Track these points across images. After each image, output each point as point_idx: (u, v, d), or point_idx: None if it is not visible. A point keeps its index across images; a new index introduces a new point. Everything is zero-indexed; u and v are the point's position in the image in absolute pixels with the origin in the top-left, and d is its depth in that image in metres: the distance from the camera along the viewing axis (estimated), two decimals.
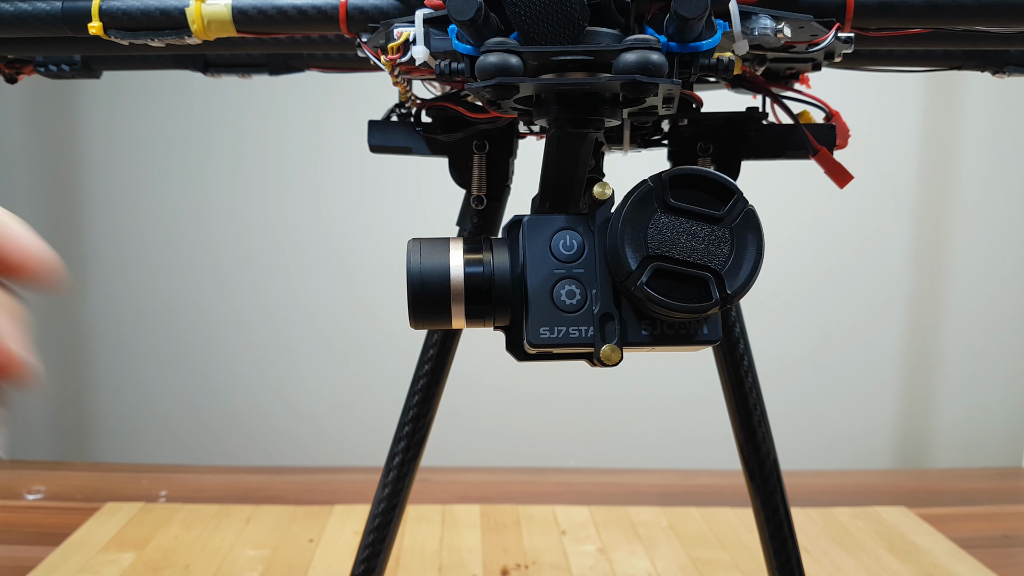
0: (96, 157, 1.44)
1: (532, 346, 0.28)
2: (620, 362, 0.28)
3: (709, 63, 0.31)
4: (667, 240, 0.27)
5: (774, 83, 0.45)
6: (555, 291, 0.28)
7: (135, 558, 0.90)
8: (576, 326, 0.28)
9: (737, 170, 0.47)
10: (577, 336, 0.28)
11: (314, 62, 0.54)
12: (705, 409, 1.20)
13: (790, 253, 1.38)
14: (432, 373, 0.54)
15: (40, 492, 1.11)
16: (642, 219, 0.27)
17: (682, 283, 0.27)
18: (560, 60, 0.29)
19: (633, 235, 0.27)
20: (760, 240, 0.27)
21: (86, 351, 1.49)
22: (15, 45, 0.45)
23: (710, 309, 0.27)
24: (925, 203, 1.44)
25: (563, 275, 0.28)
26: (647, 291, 0.26)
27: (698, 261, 0.27)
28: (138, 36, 0.39)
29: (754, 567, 0.90)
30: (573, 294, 0.28)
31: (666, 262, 0.27)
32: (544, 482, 1.19)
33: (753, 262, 0.27)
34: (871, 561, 0.92)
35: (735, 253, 0.27)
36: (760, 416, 0.54)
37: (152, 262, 1.44)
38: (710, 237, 0.27)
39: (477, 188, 0.49)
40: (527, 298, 0.28)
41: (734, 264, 0.27)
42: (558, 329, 0.28)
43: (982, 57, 0.51)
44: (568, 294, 0.28)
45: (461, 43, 0.31)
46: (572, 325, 0.28)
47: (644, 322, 0.28)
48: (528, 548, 0.94)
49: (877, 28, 0.39)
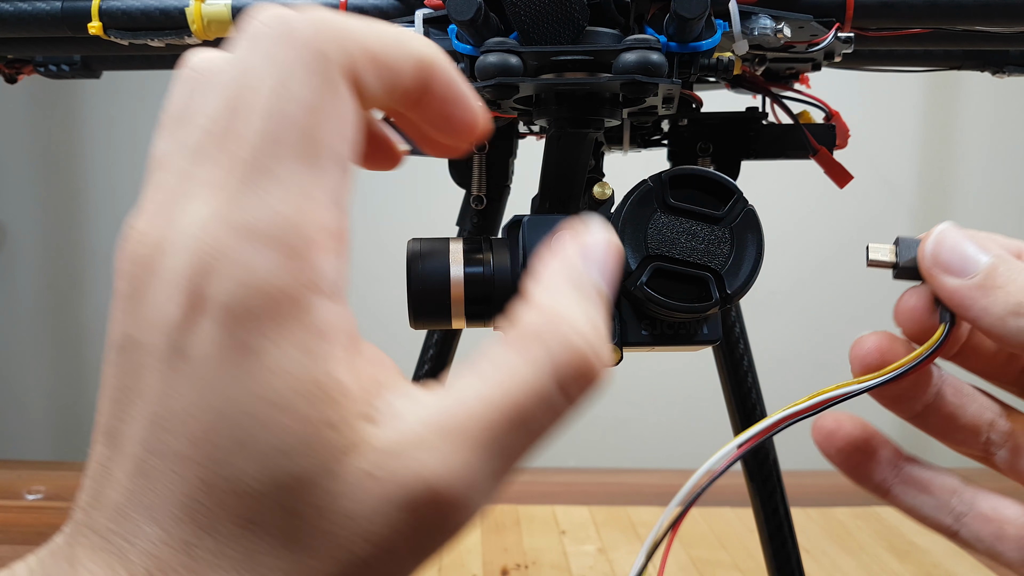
0: (96, 157, 1.44)
1: None
2: (620, 362, 0.28)
3: (709, 63, 0.31)
4: (667, 240, 0.27)
5: (774, 83, 0.45)
6: None
7: None
8: None
9: (737, 170, 0.47)
10: None
11: None
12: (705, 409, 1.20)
13: (790, 253, 1.38)
14: (432, 373, 0.54)
15: (40, 492, 1.11)
16: (642, 219, 0.27)
17: (682, 283, 0.27)
18: (560, 60, 0.29)
19: (633, 235, 0.27)
20: (760, 240, 0.27)
21: (86, 351, 1.50)
22: (15, 45, 0.45)
23: (710, 309, 0.27)
24: (925, 203, 1.44)
25: None
26: (647, 291, 0.26)
27: (698, 261, 0.27)
28: (138, 36, 0.39)
29: (754, 567, 0.90)
30: None
31: (666, 262, 0.27)
32: (544, 482, 1.19)
33: (753, 262, 0.27)
34: (871, 561, 0.92)
35: (735, 253, 0.27)
36: (760, 416, 0.54)
37: None
38: (710, 237, 0.27)
39: (477, 188, 0.49)
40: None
41: (734, 264, 0.27)
42: None
43: (982, 57, 0.51)
44: None
45: (461, 43, 0.31)
46: None
47: (644, 322, 0.28)
48: (528, 548, 0.94)
49: (877, 28, 0.39)
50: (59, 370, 1.50)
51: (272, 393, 0.17)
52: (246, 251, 0.17)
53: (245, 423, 0.17)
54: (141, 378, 0.18)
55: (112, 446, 0.18)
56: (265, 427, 0.17)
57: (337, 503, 0.17)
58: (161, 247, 0.18)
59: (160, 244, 0.18)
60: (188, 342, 0.17)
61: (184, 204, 0.18)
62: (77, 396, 1.51)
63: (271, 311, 0.17)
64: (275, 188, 0.18)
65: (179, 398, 0.17)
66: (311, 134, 0.18)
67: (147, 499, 0.17)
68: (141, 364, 0.18)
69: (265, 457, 0.17)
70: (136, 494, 0.18)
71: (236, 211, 0.17)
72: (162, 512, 0.17)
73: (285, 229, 0.17)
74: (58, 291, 1.48)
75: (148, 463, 0.18)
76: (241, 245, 0.17)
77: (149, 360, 0.18)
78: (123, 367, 0.18)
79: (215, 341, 0.17)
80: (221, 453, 0.17)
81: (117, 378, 0.18)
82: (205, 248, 0.17)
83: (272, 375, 0.17)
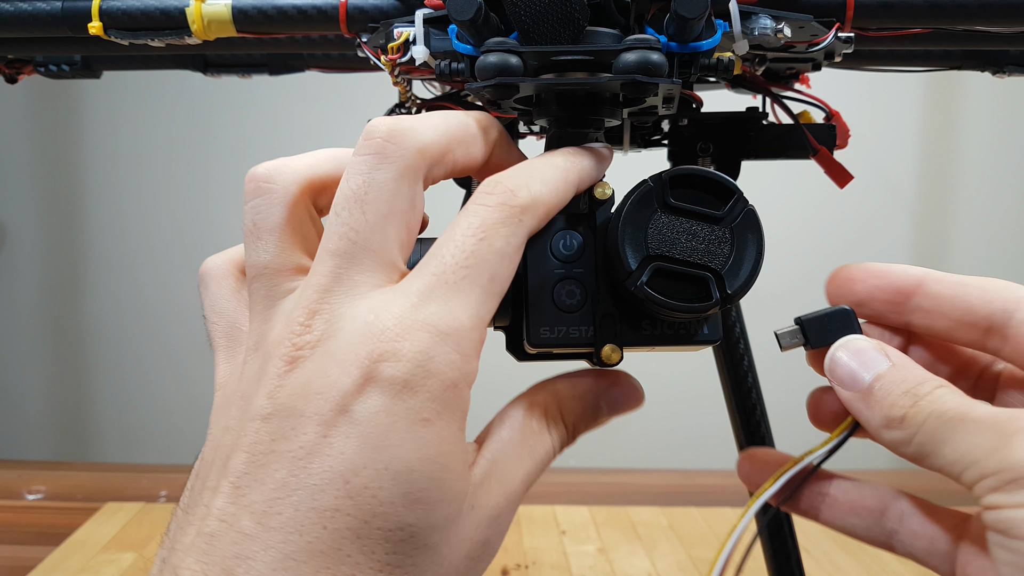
0: (96, 157, 1.44)
1: (532, 346, 0.28)
2: (620, 362, 0.28)
3: (709, 63, 0.31)
4: (667, 240, 0.27)
5: (774, 83, 0.45)
6: (555, 291, 0.28)
7: (135, 558, 0.90)
8: (576, 326, 0.28)
9: (737, 170, 0.47)
10: (577, 336, 0.28)
11: (314, 62, 0.54)
12: (705, 409, 1.20)
13: (790, 253, 1.38)
14: None
15: (40, 492, 1.11)
16: (642, 219, 0.27)
17: (682, 283, 0.27)
18: (560, 60, 0.29)
19: (633, 235, 0.27)
20: (760, 240, 0.27)
21: (86, 351, 1.50)
22: (15, 45, 0.45)
23: (710, 309, 0.27)
24: (925, 203, 1.44)
25: (563, 275, 0.28)
26: (647, 291, 0.26)
27: (698, 261, 0.27)
28: (138, 36, 0.39)
29: (754, 567, 0.90)
30: (573, 294, 0.28)
31: (666, 262, 0.27)
32: (544, 482, 1.18)
33: (753, 262, 0.27)
34: (871, 561, 0.92)
35: (735, 253, 0.27)
36: (760, 416, 0.54)
37: (152, 262, 1.44)
38: (710, 237, 0.27)
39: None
40: (527, 298, 0.28)
41: (734, 264, 0.27)
42: (558, 329, 0.28)
43: (982, 57, 0.51)
44: (568, 294, 0.28)
45: (461, 43, 0.31)
46: (572, 325, 0.28)
47: (644, 322, 0.28)
48: (528, 548, 0.94)
49: (877, 28, 0.39)
50: (59, 370, 1.50)
51: (441, 456, 0.21)
52: (430, 342, 0.21)
53: (415, 479, 0.21)
54: (292, 440, 0.21)
55: (240, 500, 0.21)
56: (433, 481, 0.21)
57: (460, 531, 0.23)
58: (332, 333, 0.22)
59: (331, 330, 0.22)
60: (358, 407, 0.21)
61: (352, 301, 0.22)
62: (77, 396, 1.51)
63: (444, 393, 0.21)
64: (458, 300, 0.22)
65: (338, 457, 0.21)
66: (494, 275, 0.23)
67: (282, 551, 0.20)
68: (296, 429, 0.21)
69: (429, 505, 0.21)
70: (270, 546, 0.20)
71: (423, 312, 0.22)
72: (302, 565, 0.20)
73: (462, 334, 0.22)
74: (58, 291, 1.48)
75: (290, 517, 0.20)
76: (426, 337, 0.21)
77: (308, 425, 0.21)
78: (270, 432, 0.22)
79: (386, 408, 0.21)
80: (383, 506, 0.21)
81: (259, 443, 0.22)
82: (389, 337, 0.21)
83: (441, 441, 0.21)
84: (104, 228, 1.45)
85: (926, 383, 0.25)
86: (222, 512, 0.21)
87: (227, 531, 0.20)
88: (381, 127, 0.24)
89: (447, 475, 0.22)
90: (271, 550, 0.20)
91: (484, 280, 0.23)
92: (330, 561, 0.20)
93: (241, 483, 0.21)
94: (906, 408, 0.24)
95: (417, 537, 0.21)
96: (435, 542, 0.22)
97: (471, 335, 0.22)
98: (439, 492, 0.21)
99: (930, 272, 0.27)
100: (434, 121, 0.25)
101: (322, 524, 0.20)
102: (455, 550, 0.22)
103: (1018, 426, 0.22)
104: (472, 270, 0.23)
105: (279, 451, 0.21)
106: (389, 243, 0.23)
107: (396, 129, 0.24)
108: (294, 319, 0.22)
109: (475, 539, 0.23)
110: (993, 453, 0.22)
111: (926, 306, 0.27)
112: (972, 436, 0.23)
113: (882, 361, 0.26)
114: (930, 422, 0.24)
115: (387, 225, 0.23)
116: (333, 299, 0.22)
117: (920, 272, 0.27)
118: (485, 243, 0.23)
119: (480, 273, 0.23)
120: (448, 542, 0.22)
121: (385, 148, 0.23)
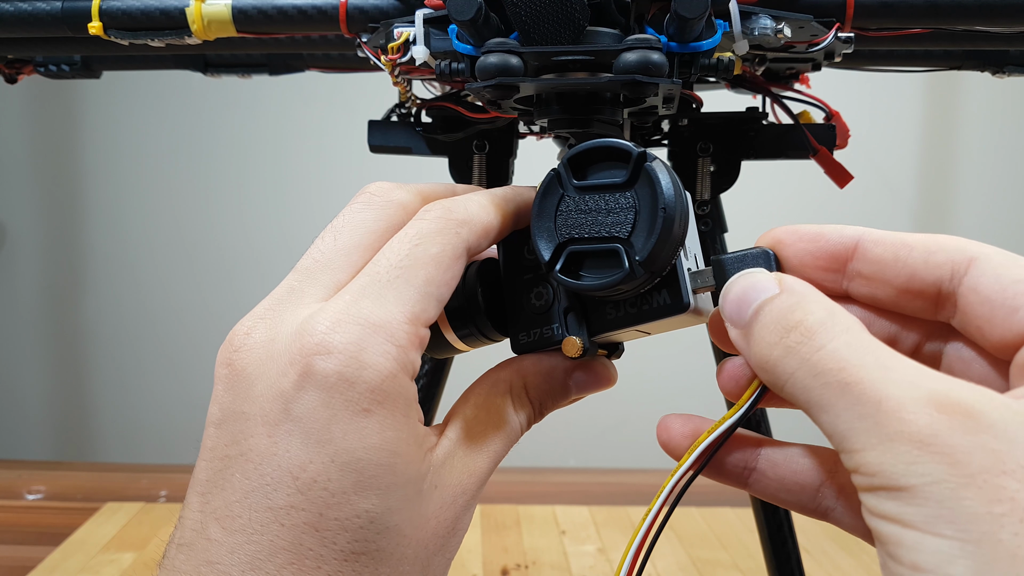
0: (96, 157, 1.44)
1: (516, 353, 0.28)
2: (584, 353, 0.27)
3: (709, 63, 0.31)
4: (575, 222, 0.26)
5: (774, 83, 0.45)
6: (529, 297, 0.28)
7: (135, 558, 0.90)
8: (547, 325, 0.28)
9: (737, 170, 0.47)
10: (549, 335, 0.28)
11: (314, 62, 0.54)
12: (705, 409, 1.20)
13: None
14: (431, 374, 0.54)
15: (40, 492, 1.11)
16: (550, 207, 0.26)
17: (601, 259, 0.26)
18: (560, 60, 0.29)
19: (545, 226, 0.26)
20: (660, 194, 0.25)
21: (86, 351, 1.50)
22: (15, 45, 0.45)
23: (624, 280, 0.25)
24: (925, 203, 1.44)
25: (531, 279, 0.28)
26: (560, 277, 0.26)
27: (605, 234, 0.26)
28: (138, 36, 0.39)
29: (754, 567, 0.90)
30: (541, 295, 0.28)
31: (578, 243, 0.26)
32: (544, 482, 1.19)
33: (660, 221, 0.25)
34: (871, 561, 0.92)
35: (640, 216, 0.25)
36: (760, 416, 0.54)
37: (152, 262, 1.44)
38: (615, 207, 0.26)
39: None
40: (508, 310, 0.28)
41: (639, 227, 0.25)
42: (533, 332, 0.28)
43: (982, 57, 0.51)
44: (537, 296, 0.28)
45: (461, 43, 0.31)
46: (544, 325, 0.28)
47: (608, 307, 0.27)
48: (528, 548, 0.95)
49: (877, 28, 0.39)
50: (59, 370, 1.50)
51: (386, 443, 0.22)
52: (360, 333, 0.22)
53: (363, 467, 0.21)
54: (243, 444, 0.22)
55: (206, 508, 0.22)
56: (382, 467, 0.22)
57: (422, 511, 0.23)
58: (272, 337, 0.23)
59: (271, 335, 0.23)
60: (297, 405, 0.21)
61: (293, 309, 0.23)
62: (77, 396, 1.51)
63: (383, 383, 0.22)
64: (391, 296, 0.23)
65: (285, 455, 0.21)
66: (430, 277, 0.24)
67: (247, 552, 0.21)
68: (244, 432, 0.22)
69: (383, 490, 0.22)
70: (235, 549, 0.21)
71: (354, 308, 0.22)
72: (266, 563, 0.21)
73: (395, 326, 0.22)
74: (58, 291, 1.48)
75: (249, 519, 0.21)
76: (357, 329, 0.22)
77: (255, 427, 0.22)
78: (223, 438, 0.22)
79: (324, 402, 0.21)
80: (335, 497, 0.21)
81: (215, 449, 0.22)
82: (320, 331, 0.22)
83: (384, 429, 0.22)
84: (104, 228, 1.45)
85: (811, 316, 0.20)
86: (192, 522, 0.22)
87: (197, 539, 0.21)
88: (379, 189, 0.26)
89: (396, 460, 0.22)
90: (237, 553, 0.21)
91: (419, 281, 0.23)
92: (293, 556, 0.21)
93: (205, 490, 0.22)
94: (775, 349, 0.20)
95: (376, 522, 0.21)
96: (396, 523, 0.22)
97: (405, 328, 0.23)
98: (391, 476, 0.22)
99: (867, 231, 0.23)
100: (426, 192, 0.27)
101: (279, 522, 0.21)
102: (420, 529, 0.23)
103: (905, 421, 0.18)
104: (406, 271, 0.23)
105: (232, 455, 0.22)
106: (353, 268, 0.24)
107: (387, 186, 0.26)
108: (240, 327, 0.23)
109: (440, 518, 0.23)
110: (873, 448, 0.18)
111: (866, 272, 0.23)
112: (852, 416, 0.18)
113: (770, 287, 0.22)
114: (800, 375, 0.20)
115: (353, 252, 0.24)
116: (280, 307, 0.23)
117: (856, 232, 0.23)
118: (420, 248, 0.24)
119: (414, 274, 0.23)
120: (412, 522, 0.22)
121: (372, 200, 0.26)
